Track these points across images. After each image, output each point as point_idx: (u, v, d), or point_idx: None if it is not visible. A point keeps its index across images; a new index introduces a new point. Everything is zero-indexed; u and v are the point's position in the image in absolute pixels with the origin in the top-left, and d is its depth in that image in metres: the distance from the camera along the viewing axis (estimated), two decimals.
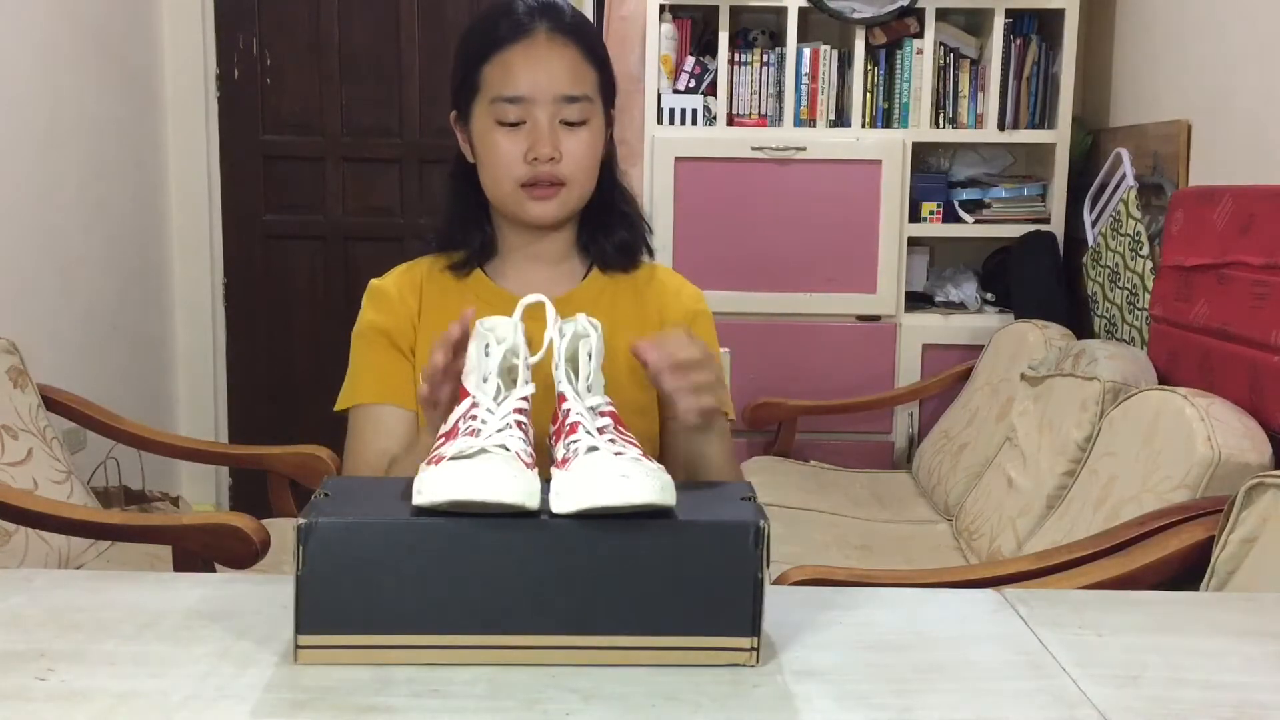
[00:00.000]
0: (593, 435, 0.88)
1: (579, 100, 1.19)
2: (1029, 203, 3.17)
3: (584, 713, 0.78)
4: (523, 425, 0.91)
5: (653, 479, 0.82)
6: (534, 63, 1.18)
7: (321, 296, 3.63)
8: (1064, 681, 0.85)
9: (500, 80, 1.19)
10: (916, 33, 3.09)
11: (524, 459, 0.86)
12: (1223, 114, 2.44)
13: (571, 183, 1.20)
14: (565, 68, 1.19)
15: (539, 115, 1.18)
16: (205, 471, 3.53)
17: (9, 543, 2.02)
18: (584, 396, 0.93)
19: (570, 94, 1.18)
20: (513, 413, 0.91)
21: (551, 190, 1.20)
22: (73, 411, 2.48)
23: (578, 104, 1.19)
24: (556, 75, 1.18)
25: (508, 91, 1.18)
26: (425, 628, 0.83)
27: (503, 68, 1.19)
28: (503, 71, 1.19)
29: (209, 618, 0.92)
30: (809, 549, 2.35)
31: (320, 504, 0.86)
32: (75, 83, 2.93)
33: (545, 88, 1.18)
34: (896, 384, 3.14)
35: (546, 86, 1.18)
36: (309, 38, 3.54)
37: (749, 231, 3.07)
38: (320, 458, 2.32)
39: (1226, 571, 1.52)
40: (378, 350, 1.25)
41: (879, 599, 1.02)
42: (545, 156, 1.17)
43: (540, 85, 1.18)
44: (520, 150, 1.18)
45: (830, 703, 0.81)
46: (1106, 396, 2.10)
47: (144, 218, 3.35)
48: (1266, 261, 1.93)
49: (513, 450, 0.86)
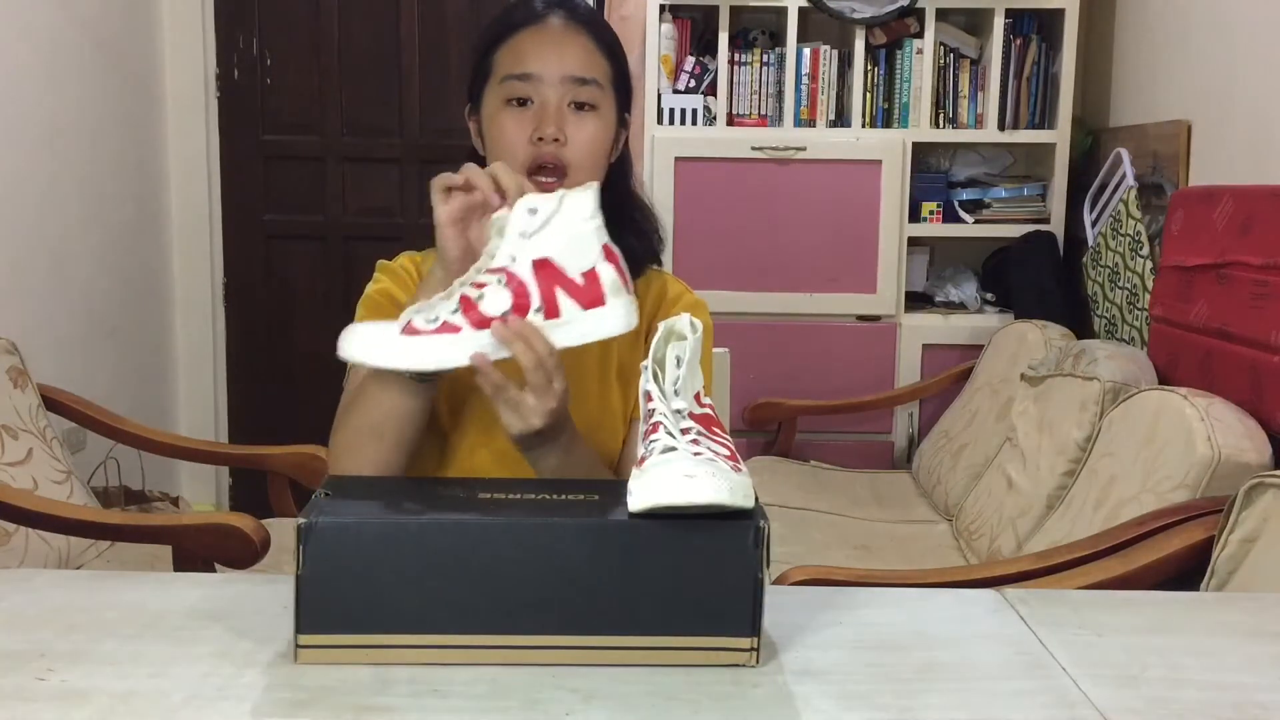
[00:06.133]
0: (674, 436, 0.87)
1: (589, 83, 1.18)
2: (1029, 203, 3.17)
3: (584, 713, 0.78)
4: (469, 301, 0.98)
5: (720, 479, 0.82)
6: (545, 45, 1.18)
7: (321, 296, 3.63)
8: (1064, 681, 0.85)
9: (511, 60, 1.19)
10: (916, 33, 3.09)
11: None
12: (1223, 114, 2.44)
13: (575, 169, 1.18)
14: (576, 51, 1.19)
15: (548, 94, 1.17)
16: (205, 471, 3.53)
17: (9, 543, 2.02)
18: (670, 399, 0.92)
19: (580, 75, 1.18)
20: (468, 286, 0.99)
21: (554, 179, 1.19)
22: (73, 411, 2.48)
23: (588, 86, 1.18)
24: (567, 57, 1.18)
25: (517, 69, 1.18)
26: (425, 628, 0.83)
27: (514, 50, 1.19)
28: (514, 53, 1.19)
29: (209, 618, 0.92)
30: (809, 549, 2.35)
31: (320, 504, 0.86)
32: (75, 83, 2.93)
33: (555, 67, 1.17)
34: (896, 384, 3.14)
35: (556, 66, 1.17)
36: (309, 38, 3.54)
37: (749, 231, 3.07)
38: (320, 458, 2.32)
39: (1226, 571, 1.52)
40: (381, 309, 1.23)
41: (879, 599, 1.02)
42: (550, 136, 1.16)
43: (550, 64, 1.17)
44: (526, 131, 1.17)
45: (830, 703, 0.81)
46: (1106, 396, 2.10)
47: (144, 217, 3.35)
48: (1266, 261, 1.93)
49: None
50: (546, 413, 1.01)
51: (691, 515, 0.82)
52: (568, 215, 1.00)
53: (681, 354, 0.95)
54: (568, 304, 1.00)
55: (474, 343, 0.99)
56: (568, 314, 1.00)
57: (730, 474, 0.83)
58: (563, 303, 1.00)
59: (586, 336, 1.01)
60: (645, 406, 0.94)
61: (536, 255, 0.99)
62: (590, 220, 1.01)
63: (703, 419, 0.92)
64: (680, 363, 0.95)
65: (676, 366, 0.95)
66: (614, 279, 1.01)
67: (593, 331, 1.01)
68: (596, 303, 1.00)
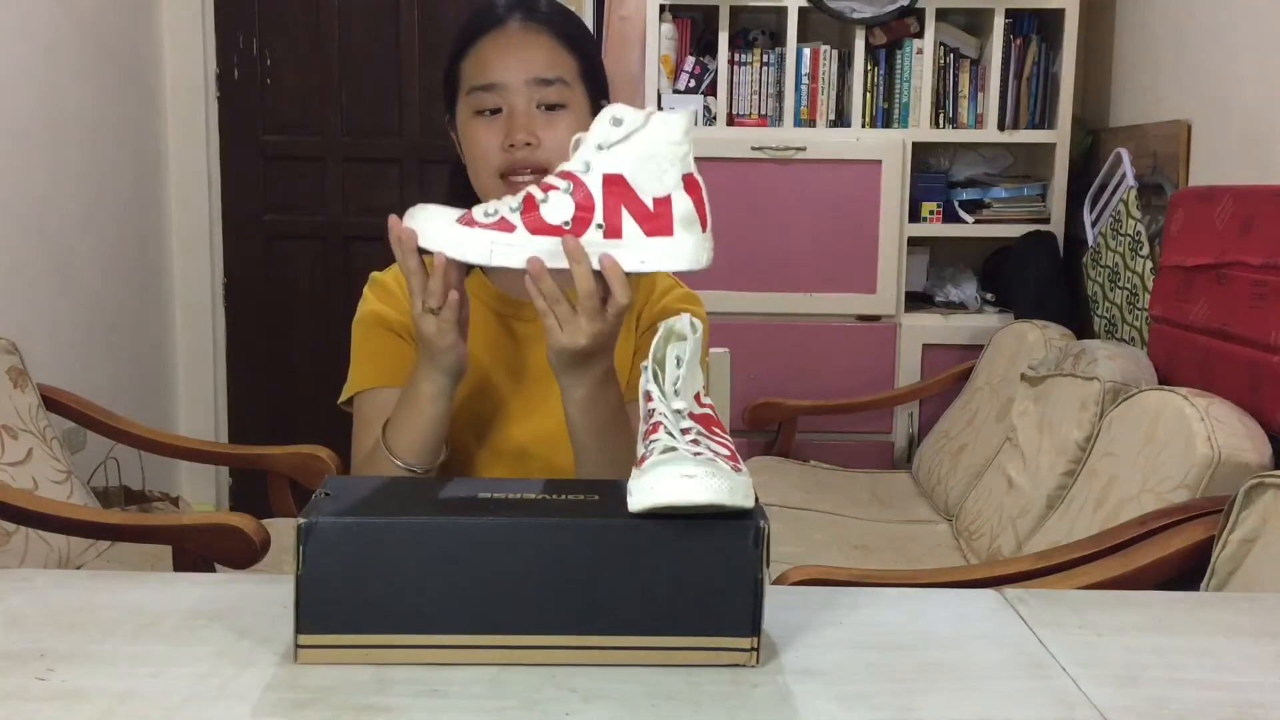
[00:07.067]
0: (673, 436, 0.87)
1: (554, 83, 1.17)
2: (1029, 203, 3.18)
3: (584, 713, 0.78)
4: (531, 200, 0.97)
5: (720, 479, 0.81)
6: (506, 50, 1.18)
7: (321, 296, 3.63)
8: (1064, 681, 0.85)
9: (475, 71, 1.19)
10: (916, 33, 3.09)
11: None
12: (1223, 114, 2.44)
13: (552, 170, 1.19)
14: (538, 52, 1.18)
15: (514, 100, 1.17)
16: (205, 471, 3.53)
17: (9, 543, 2.02)
18: (670, 399, 0.91)
19: (544, 76, 1.17)
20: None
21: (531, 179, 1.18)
22: (73, 411, 2.48)
23: (553, 86, 1.17)
24: (529, 59, 1.17)
25: (481, 80, 1.18)
26: (425, 628, 0.83)
27: (477, 59, 1.19)
28: (477, 63, 1.19)
29: (209, 618, 0.92)
30: (809, 549, 2.35)
31: (320, 504, 0.86)
32: (75, 82, 2.93)
33: (518, 72, 1.17)
34: (896, 384, 3.14)
35: (519, 71, 1.17)
36: (309, 38, 3.54)
37: (748, 231, 3.07)
38: (320, 458, 2.32)
39: (1226, 571, 1.52)
40: (377, 337, 1.24)
41: (879, 599, 1.02)
42: (521, 142, 1.15)
43: (512, 70, 1.17)
44: (498, 139, 1.17)
45: (830, 703, 0.81)
46: (1106, 396, 2.10)
47: (144, 218, 3.35)
48: (1266, 261, 1.93)
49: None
50: (594, 334, 0.99)
51: (691, 515, 0.82)
52: (652, 134, 0.96)
53: (681, 354, 0.94)
54: (631, 227, 0.96)
55: (528, 247, 0.96)
56: (629, 237, 0.96)
57: (730, 474, 0.83)
58: (626, 225, 0.96)
59: (645, 265, 0.98)
60: (645, 406, 0.93)
61: (610, 170, 0.95)
62: (677, 144, 0.96)
63: (703, 419, 0.92)
64: (680, 363, 0.94)
65: (676, 366, 0.94)
66: (688, 211, 0.96)
67: (652, 261, 0.97)
68: (662, 232, 0.96)
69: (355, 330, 1.26)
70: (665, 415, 0.90)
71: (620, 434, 1.10)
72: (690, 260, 0.98)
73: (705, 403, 0.94)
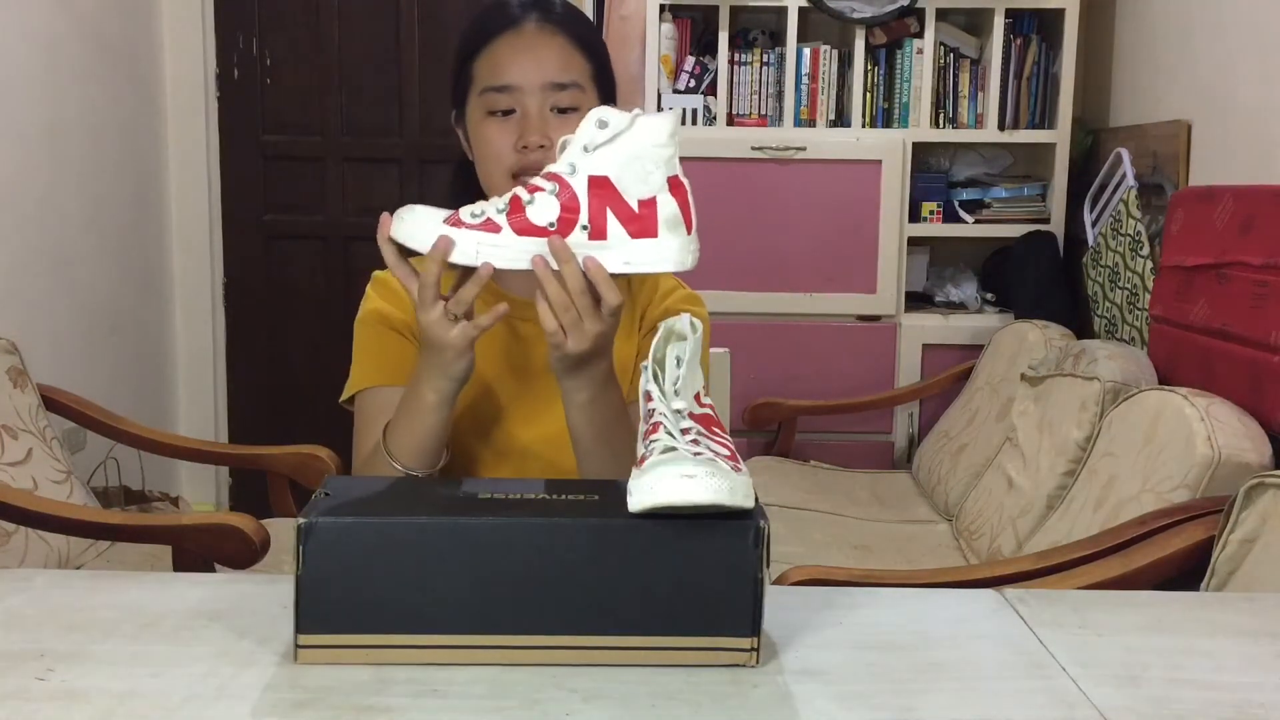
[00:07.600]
0: (673, 436, 0.87)
1: (569, 87, 1.18)
2: (1029, 203, 3.17)
3: (584, 713, 0.78)
4: (518, 202, 0.97)
5: (720, 479, 0.81)
6: (521, 52, 1.18)
7: (321, 296, 3.63)
8: (1064, 681, 0.85)
9: (489, 71, 1.18)
10: (916, 33, 3.09)
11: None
12: (1223, 114, 2.44)
13: None
14: (554, 55, 1.18)
15: (528, 103, 1.17)
16: (205, 471, 3.53)
17: (9, 543, 2.02)
18: (670, 398, 0.91)
19: (559, 80, 1.17)
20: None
21: None
22: (73, 411, 2.48)
23: (568, 90, 1.18)
24: (545, 62, 1.17)
25: (496, 81, 1.17)
26: (425, 628, 0.83)
27: (491, 59, 1.19)
28: (491, 63, 1.18)
29: (209, 618, 0.92)
30: (809, 549, 2.35)
31: (320, 504, 0.86)
32: (75, 82, 2.93)
33: (533, 75, 1.17)
34: (896, 384, 3.14)
35: (534, 74, 1.17)
36: (309, 38, 3.55)
37: (749, 231, 3.07)
38: (320, 458, 2.32)
39: (1226, 571, 1.52)
40: (380, 335, 1.24)
41: (879, 599, 1.02)
42: (535, 144, 1.16)
43: (528, 73, 1.17)
44: (510, 140, 1.17)
45: (830, 703, 0.81)
46: (1106, 396, 2.10)
47: (144, 217, 3.35)
48: (1266, 261, 1.93)
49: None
50: (595, 335, 1.00)
51: (691, 515, 0.82)
52: (637, 136, 0.96)
53: (682, 354, 0.94)
54: (616, 229, 0.96)
55: (514, 248, 0.96)
56: (614, 239, 0.97)
57: (730, 474, 0.83)
58: (611, 226, 0.96)
59: (630, 266, 0.98)
60: (645, 406, 0.93)
61: (595, 171, 0.96)
62: (662, 147, 0.96)
63: (703, 419, 0.92)
64: (680, 363, 0.94)
65: (676, 366, 0.94)
66: (674, 214, 0.97)
67: (636, 262, 0.98)
68: (647, 233, 0.97)
69: (357, 328, 1.26)
70: (665, 415, 0.90)
71: (622, 435, 1.10)
72: (675, 262, 0.99)
73: (705, 403, 0.94)
